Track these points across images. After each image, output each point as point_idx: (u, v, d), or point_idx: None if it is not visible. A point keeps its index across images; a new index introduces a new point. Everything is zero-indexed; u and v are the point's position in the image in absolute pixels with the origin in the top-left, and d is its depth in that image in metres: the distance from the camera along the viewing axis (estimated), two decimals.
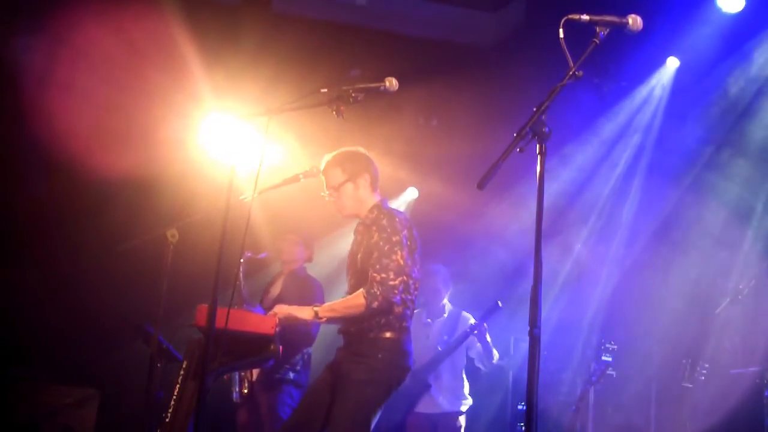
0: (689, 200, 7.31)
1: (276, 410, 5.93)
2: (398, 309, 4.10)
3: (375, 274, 4.04)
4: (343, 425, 3.96)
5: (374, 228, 4.14)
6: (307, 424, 4.09)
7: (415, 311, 6.40)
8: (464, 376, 6.43)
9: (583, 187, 7.83)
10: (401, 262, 4.05)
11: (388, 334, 4.07)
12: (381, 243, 4.08)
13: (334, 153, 4.34)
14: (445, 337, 6.37)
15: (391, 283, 4.01)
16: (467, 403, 6.38)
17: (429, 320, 6.45)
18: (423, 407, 6.25)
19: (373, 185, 4.31)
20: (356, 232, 4.30)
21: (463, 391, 6.38)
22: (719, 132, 7.23)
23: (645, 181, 7.62)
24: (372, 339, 4.06)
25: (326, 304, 4.34)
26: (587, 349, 7.22)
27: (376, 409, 4.04)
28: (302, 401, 4.27)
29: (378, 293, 3.99)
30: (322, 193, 4.34)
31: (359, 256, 4.18)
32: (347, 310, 4.09)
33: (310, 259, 6.41)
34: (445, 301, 6.54)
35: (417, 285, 4.22)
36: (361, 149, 4.37)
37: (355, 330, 4.12)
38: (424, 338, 6.35)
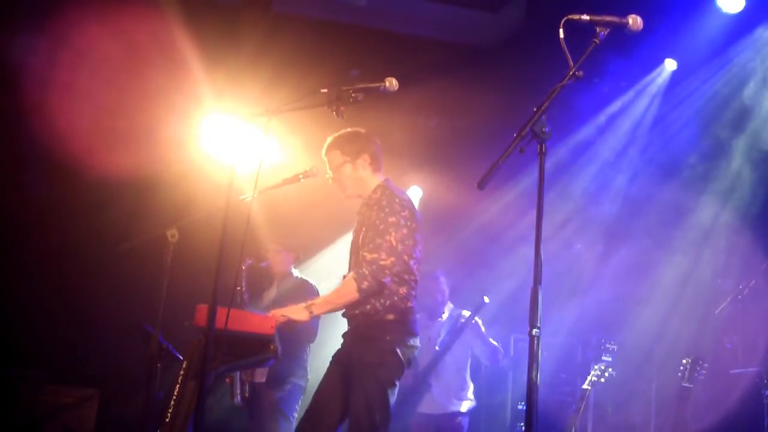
0: (688, 200, 7.31)
1: (280, 407, 5.95)
2: (402, 290, 4.10)
3: (366, 254, 4.06)
4: (363, 409, 3.97)
5: (375, 208, 4.15)
6: (324, 417, 4.08)
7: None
8: (468, 377, 6.41)
9: (582, 187, 7.82)
10: (394, 243, 4.05)
11: (391, 316, 4.08)
12: (377, 222, 4.09)
13: (334, 135, 4.36)
14: (444, 337, 6.37)
15: (382, 263, 4.02)
16: (468, 404, 6.36)
17: (430, 323, 6.44)
18: (425, 407, 6.24)
19: (374, 165, 4.31)
20: (359, 213, 4.30)
21: (465, 392, 6.36)
22: (718, 132, 7.22)
23: (644, 181, 7.61)
24: (378, 322, 4.07)
25: (319, 298, 4.33)
26: (587, 349, 7.22)
27: (392, 390, 4.06)
28: (315, 396, 4.23)
29: (367, 273, 4.00)
30: (327, 176, 4.35)
31: (361, 237, 4.18)
32: (342, 298, 4.10)
33: (297, 259, 6.45)
34: (448, 303, 6.53)
35: (419, 265, 4.21)
36: (361, 130, 4.37)
37: (359, 313, 4.11)
38: (426, 340, 6.31)
